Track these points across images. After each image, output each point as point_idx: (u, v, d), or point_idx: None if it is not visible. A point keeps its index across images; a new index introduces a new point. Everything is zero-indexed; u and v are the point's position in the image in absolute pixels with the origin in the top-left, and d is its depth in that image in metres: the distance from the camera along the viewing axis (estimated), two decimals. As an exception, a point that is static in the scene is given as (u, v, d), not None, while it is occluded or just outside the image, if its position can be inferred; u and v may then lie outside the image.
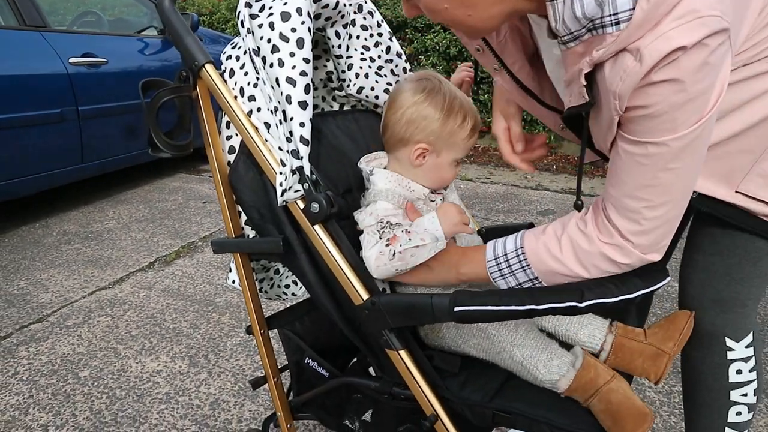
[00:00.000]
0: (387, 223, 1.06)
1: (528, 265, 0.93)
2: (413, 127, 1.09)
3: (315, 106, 1.37)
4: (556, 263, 0.91)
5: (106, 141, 3.58)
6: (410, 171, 1.12)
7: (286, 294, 1.44)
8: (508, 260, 0.95)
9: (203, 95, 1.14)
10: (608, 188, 0.88)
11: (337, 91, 1.36)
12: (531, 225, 1.32)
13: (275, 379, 1.30)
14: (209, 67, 1.11)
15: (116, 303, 2.46)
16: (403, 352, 1.00)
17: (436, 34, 5.16)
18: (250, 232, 1.22)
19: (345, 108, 1.41)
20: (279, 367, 1.34)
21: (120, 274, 2.74)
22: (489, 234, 1.38)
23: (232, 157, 1.17)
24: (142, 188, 4.14)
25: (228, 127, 1.17)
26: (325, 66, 1.34)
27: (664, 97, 0.74)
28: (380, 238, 1.03)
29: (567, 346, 1.06)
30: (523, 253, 0.94)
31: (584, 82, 0.79)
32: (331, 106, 1.41)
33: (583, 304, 0.86)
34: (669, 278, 0.94)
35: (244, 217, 1.21)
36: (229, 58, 1.15)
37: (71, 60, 3.27)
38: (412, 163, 1.11)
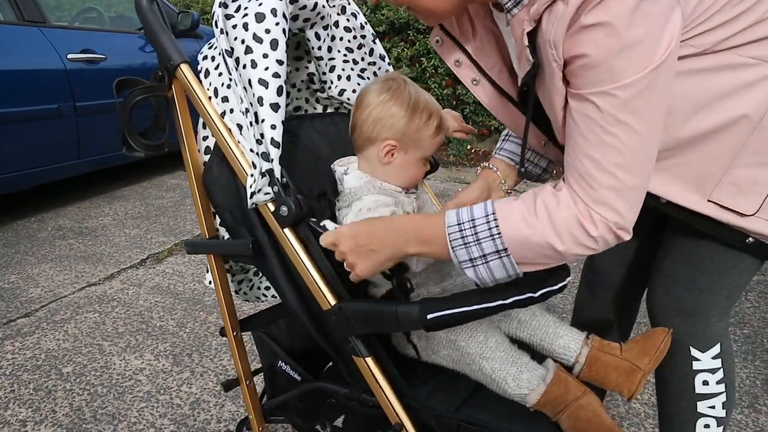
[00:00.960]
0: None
1: (498, 234, 0.84)
2: (380, 126, 1.10)
3: (298, 108, 1.37)
4: (529, 229, 0.83)
5: (103, 137, 3.59)
6: (380, 170, 1.12)
7: (266, 296, 1.43)
8: (474, 226, 0.86)
9: (179, 95, 1.13)
10: (564, 156, 0.87)
11: (319, 93, 1.36)
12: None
13: (248, 382, 1.29)
14: (184, 67, 1.10)
15: (105, 299, 2.46)
16: (369, 359, 0.99)
17: (438, 36, 5.14)
18: (226, 234, 1.21)
19: (328, 110, 1.40)
20: (253, 369, 1.33)
21: (111, 271, 2.74)
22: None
23: (208, 158, 1.16)
24: (139, 185, 4.15)
25: (204, 127, 1.16)
26: (307, 67, 1.33)
27: (597, 43, 0.74)
28: None
29: (541, 356, 1.05)
30: (495, 219, 0.85)
31: (527, 43, 0.81)
32: (315, 108, 1.40)
33: (537, 294, 0.89)
34: (569, 277, 0.93)
35: (219, 219, 1.21)
36: (205, 58, 1.14)
37: (69, 56, 3.28)
38: (381, 161, 1.11)
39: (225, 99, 1.08)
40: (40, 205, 3.63)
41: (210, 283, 1.30)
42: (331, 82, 1.33)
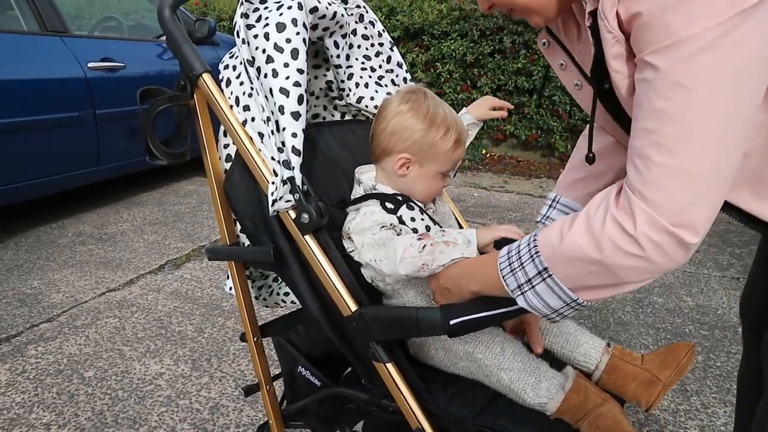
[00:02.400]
0: (391, 225, 1.06)
1: (537, 252, 0.77)
2: (395, 138, 1.11)
3: (316, 115, 1.38)
4: (564, 243, 0.73)
5: (122, 144, 3.64)
6: (396, 182, 1.13)
7: (285, 302, 1.44)
8: (519, 252, 0.81)
9: (200, 104, 1.15)
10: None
11: (337, 101, 1.37)
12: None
13: (267, 387, 1.30)
14: (206, 77, 1.12)
15: (125, 305, 2.49)
16: (390, 365, 0.99)
17: (452, 41, 5.15)
18: (246, 240, 1.23)
19: (346, 117, 1.41)
20: (273, 374, 1.34)
21: (130, 276, 2.78)
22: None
23: (229, 165, 1.18)
24: (157, 191, 4.20)
25: (225, 135, 1.18)
26: (325, 75, 1.35)
27: None
28: (395, 233, 1.04)
29: (560, 363, 1.05)
30: (534, 241, 0.79)
31: (588, 23, 0.74)
32: (333, 116, 1.41)
33: None
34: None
35: (239, 225, 1.22)
36: (226, 67, 1.16)
37: (90, 64, 3.34)
38: (396, 173, 1.12)
39: (246, 108, 1.10)
40: (61, 211, 3.69)
41: (230, 289, 1.31)
42: (349, 90, 1.34)
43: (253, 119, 1.09)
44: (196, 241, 3.24)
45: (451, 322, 0.87)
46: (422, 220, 1.12)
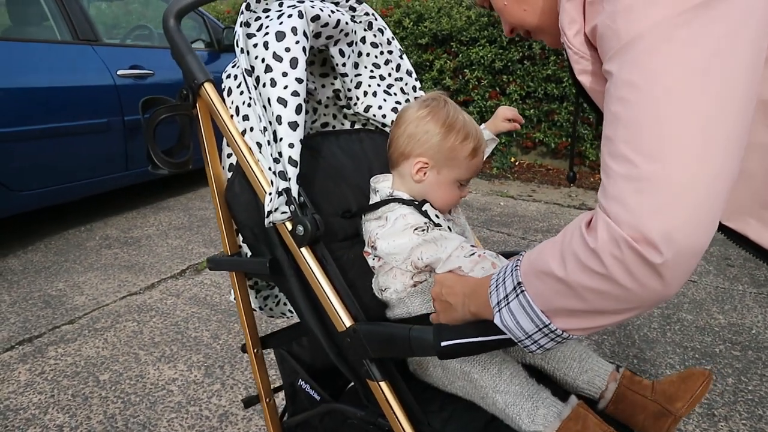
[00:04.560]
0: (426, 224, 1.05)
1: (517, 267, 0.71)
2: (413, 141, 1.10)
3: (326, 124, 1.37)
4: (538, 256, 0.67)
5: (150, 149, 3.70)
6: (414, 189, 1.12)
7: (292, 312, 1.42)
8: (506, 268, 0.75)
9: (203, 113, 1.15)
10: None
11: (346, 109, 1.35)
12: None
13: (268, 399, 1.28)
14: (208, 86, 1.11)
15: (144, 309, 2.52)
16: (383, 384, 0.96)
17: (481, 47, 5.10)
18: (249, 250, 1.22)
19: (356, 126, 1.39)
20: (274, 387, 1.32)
21: (152, 280, 2.82)
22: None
23: (231, 175, 1.17)
24: (184, 196, 4.26)
25: (228, 145, 1.17)
26: (333, 84, 1.33)
27: (596, 7, 0.64)
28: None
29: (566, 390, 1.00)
30: (519, 258, 0.73)
31: (562, 40, 0.74)
32: (342, 124, 1.40)
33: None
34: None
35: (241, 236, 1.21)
36: (228, 76, 1.16)
37: (119, 72, 3.42)
38: (413, 178, 1.11)
39: (246, 117, 1.09)
40: (90, 215, 3.78)
41: (235, 299, 1.30)
42: (357, 99, 1.32)
43: (252, 129, 1.08)
44: (219, 246, 3.26)
45: (443, 344, 0.83)
46: (446, 221, 1.11)
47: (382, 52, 1.35)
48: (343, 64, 1.24)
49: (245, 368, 2.07)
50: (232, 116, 1.11)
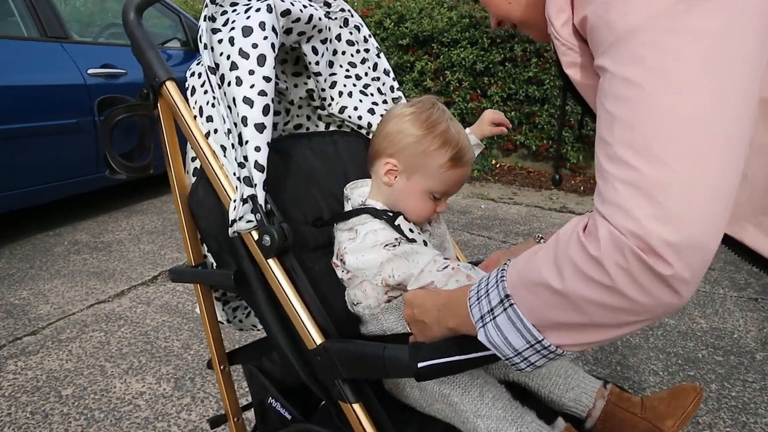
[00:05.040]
0: (397, 240, 0.99)
1: (503, 278, 0.65)
2: (387, 140, 1.03)
3: (299, 126, 1.29)
4: (528, 265, 0.62)
5: (123, 151, 3.58)
6: (386, 196, 1.05)
7: (263, 324, 1.35)
8: (488, 279, 0.68)
9: (164, 114, 1.07)
10: None
11: (320, 110, 1.28)
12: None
13: (236, 419, 1.20)
14: (170, 85, 1.04)
15: (112, 317, 2.42)
16: (356, 406, 0.89)
17: (462, 49, 5.06)
18: (214, 260, 1.14)
19: (330, 128, 1.32)
20: (243, 405, 1.25)
21: (121, 288, 2.71)
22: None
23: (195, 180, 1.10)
24: (158, 198, 4.14)
25: (192, 148, 1.10)
26: (306, 83, 1.26)
27: None
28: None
29: (553, 411, 0.94)
30: (504, 269, 0.66)
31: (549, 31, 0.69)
32: (317, 126, 1.33)
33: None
34: None
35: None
36: (192, 74, 1.08)
37: (90, 71, 3.29)
38: (382, 180, 1.04)
39: (210, 119, 1.01)
40: (59, 219, 3.64)
41: (200, 312, 1.22)
42: (332, 99, 1.26)
43: (216, 131, 1.00)
44: (193, 251, 3.16)
45: (420, 365, 0.77)
46: (420, 234, 1.04)
47: (358, 51, 1.28)
48: (317, 63, 1.17)
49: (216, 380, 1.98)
50: (195, 117, 1.03)
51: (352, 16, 1.26)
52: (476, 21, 5.04)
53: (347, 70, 1.28)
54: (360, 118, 1.26)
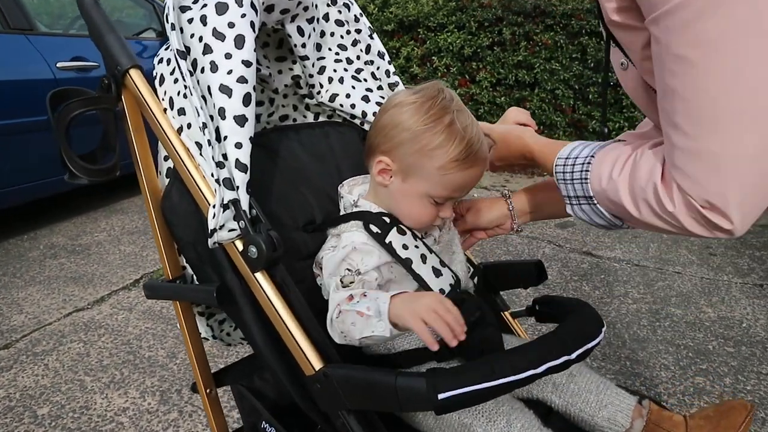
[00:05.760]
0: (355, 270, 0.84)
1: (586, 179, 0.78)
2: (382, 135, 0.88)
3: (285, 117, 1.16)
4: (609, 185, 0.74)
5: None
6: (382, 197, 0.91)
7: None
8: (573, 165, 0.81)
9: (130, 107, 0.93)
10: None
11: (308, 99, 1.15)
12: (539, 263, 1.10)
13: (226, 448, 1.08)
14: (134, 73, 0.90)
15: (92, 326, 2.27)
16: (364, 441, 0.77)
17: (449, 34, 4.92)
18: (194, 273, 1.01)
19: (320, 119, 1.19)
20: (234, 429, 1.12)
21: (101, 293, 2.56)
22: (488, 272, 1.15)
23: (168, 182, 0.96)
24: (139, 197, 3.97)
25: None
26: (292, 69, 1.12)
27: None
28: (341, 282, 0.82)
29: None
30: (589, 163, 0.79)
31: None
32: (305, 117, 1.19)
33: (574, 355, 0.69)
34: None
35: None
36: (161, 61, 0.94)
37: (59, 64, 3.11)
38: (376, 180, 0.90)
39: (182, 111, 0.88)
40: (33, 221, 3.47)
41: (180, 330, 1.09)
42: (321, 86, 1.13)
43: (189, 126, 0.87)
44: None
45: (440, 396, 0.65)
46: (416, 248, 0.89)
47: (348, 32, 1.15)
48: (303, 45, 1.03)
49: (206, 391, 1.85)
50: (165, 110, 0.90)
51: (340, -8, 1.12)
52: (463, 4, 4.90)
53: (337, 54, 1.15)
54: (353, 106, 1.13)
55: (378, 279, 0.85)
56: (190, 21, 0.83)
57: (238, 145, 0.79)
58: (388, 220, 0.90)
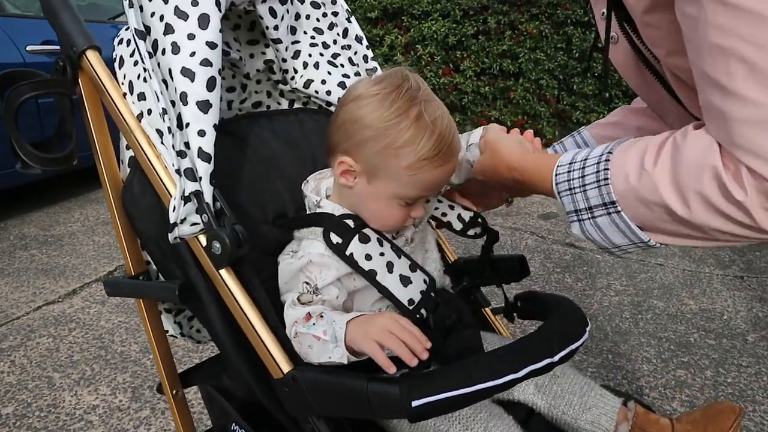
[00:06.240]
0: (313, 286, 0.78)
1: (606, 180, 0.64)
2: (341, 132, 0.79)
3: (258, 104, 1.11)
4: (643, 181, 0.60)
5: (72, 136, 3.31)
6: (347, 197, 0.84)
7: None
8: (584, 168, 0.67)
9: (87, 92, 0.87)
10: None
11: (282, 85, 1.09)
12: (522, 258, 1.06)
13: (193, 451, 1.03)
14: (91, 55, 0.85)
15: (62, 320, 2.20)
16: (335, 447, 0.73)
17: (434, 22, 4.86)
18: (157, 269, 0.95)
19: (295, 105, 1.14)
20: (204, 430, 1.08)
21: (73, 286, 2.48)
22: (467, 266, 1.11)
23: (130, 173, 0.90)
24: (115, 186, 3.88)
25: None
26: (264, 53, 1.07)
27: None
28: (299, 300, 0.77)
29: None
30: (607, 162, 0.65)
31: None
32: (279, 104, 1.14)
33: (557, 357, 0.65)
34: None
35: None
36: (120, 42, 0.89)
37: (29, 48, 3.00)
38: (339, 181, 0.83)
39: (142, 96, 0.82)
40: (3, 211, 3.35)
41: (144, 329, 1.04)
42: (295, 71, 1.07)
43: (150, 112, 0.81)
44: (153, 242, 2.94)
45: (414, 404, 0.60)
46: (382, 255, 0.79)
47: (325, 14, 1.10)
48: (275, 28, 0.98)
49: (180, 388, 1.80)
50: (125, 95, 0.84)
51: (316, -29, 1.07)
52: (448, -8, 4.84)
53: (312, 37, 1.09)
54: (329, 93, 1.08)
55: (339, 295, 0.78)
56: (150, -2, 0.77)
57: (201, 133, 0.74)
58: (352, 224, 0.80)
